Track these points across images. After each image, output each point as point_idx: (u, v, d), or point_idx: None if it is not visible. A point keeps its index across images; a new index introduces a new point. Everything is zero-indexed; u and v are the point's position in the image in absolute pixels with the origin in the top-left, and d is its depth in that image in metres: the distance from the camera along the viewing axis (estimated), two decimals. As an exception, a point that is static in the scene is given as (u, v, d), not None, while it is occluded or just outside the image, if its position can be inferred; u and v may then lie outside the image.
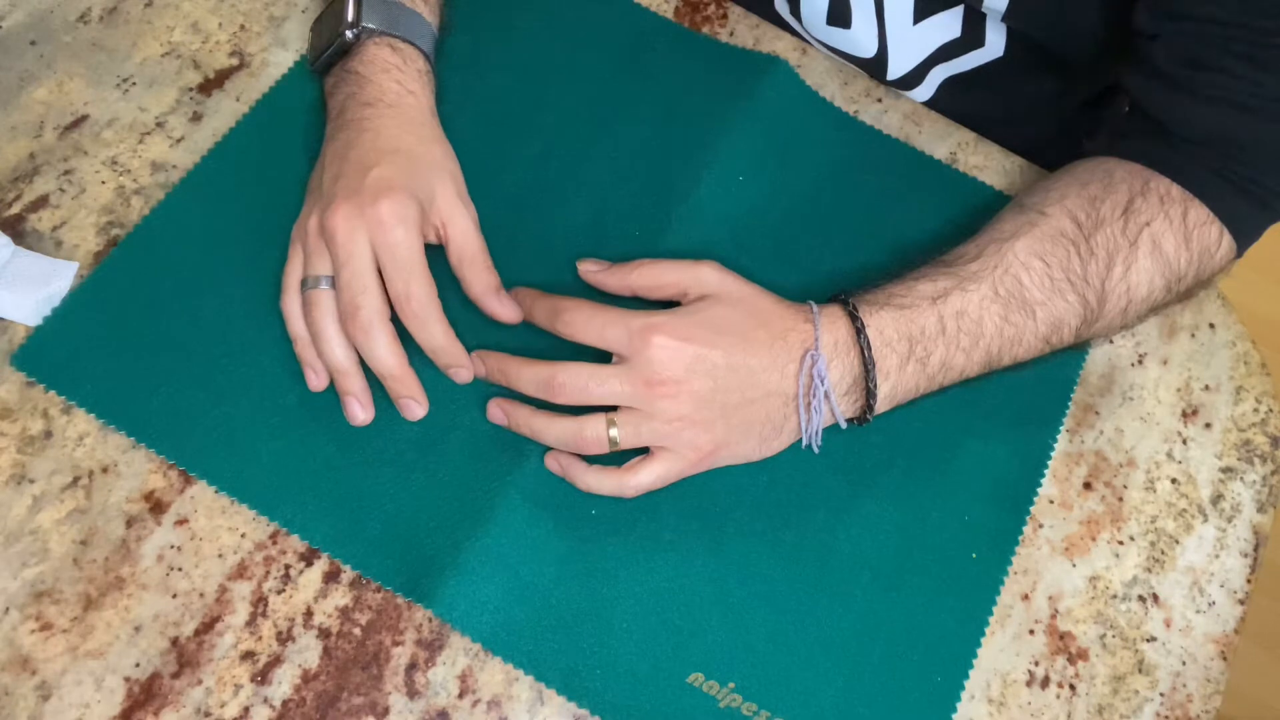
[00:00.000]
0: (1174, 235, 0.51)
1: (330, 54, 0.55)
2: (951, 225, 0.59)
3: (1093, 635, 0.51)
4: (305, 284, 0.50)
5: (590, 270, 0.53)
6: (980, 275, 0.50)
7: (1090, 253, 0.50)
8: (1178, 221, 0.51)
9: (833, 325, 0.49)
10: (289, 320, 0.51)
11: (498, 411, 0.51)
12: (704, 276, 0.50)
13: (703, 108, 0.61)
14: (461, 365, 0.50)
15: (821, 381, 0.48)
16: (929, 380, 0.50)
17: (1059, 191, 0.53)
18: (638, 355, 0.47)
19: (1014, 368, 0.52)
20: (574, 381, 0.47)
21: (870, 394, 0.49)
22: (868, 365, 0.48)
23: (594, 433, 0.47)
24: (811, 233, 0.59)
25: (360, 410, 0.50)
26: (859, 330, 0.48)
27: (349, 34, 0.54)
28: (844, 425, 0.50)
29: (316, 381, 0.51)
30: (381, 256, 0.49)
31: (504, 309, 0.52)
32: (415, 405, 0.50)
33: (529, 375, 0.49)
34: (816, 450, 0.51)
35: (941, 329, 0.49)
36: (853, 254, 0.58)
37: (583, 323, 0.48)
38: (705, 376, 0.47)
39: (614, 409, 0.48)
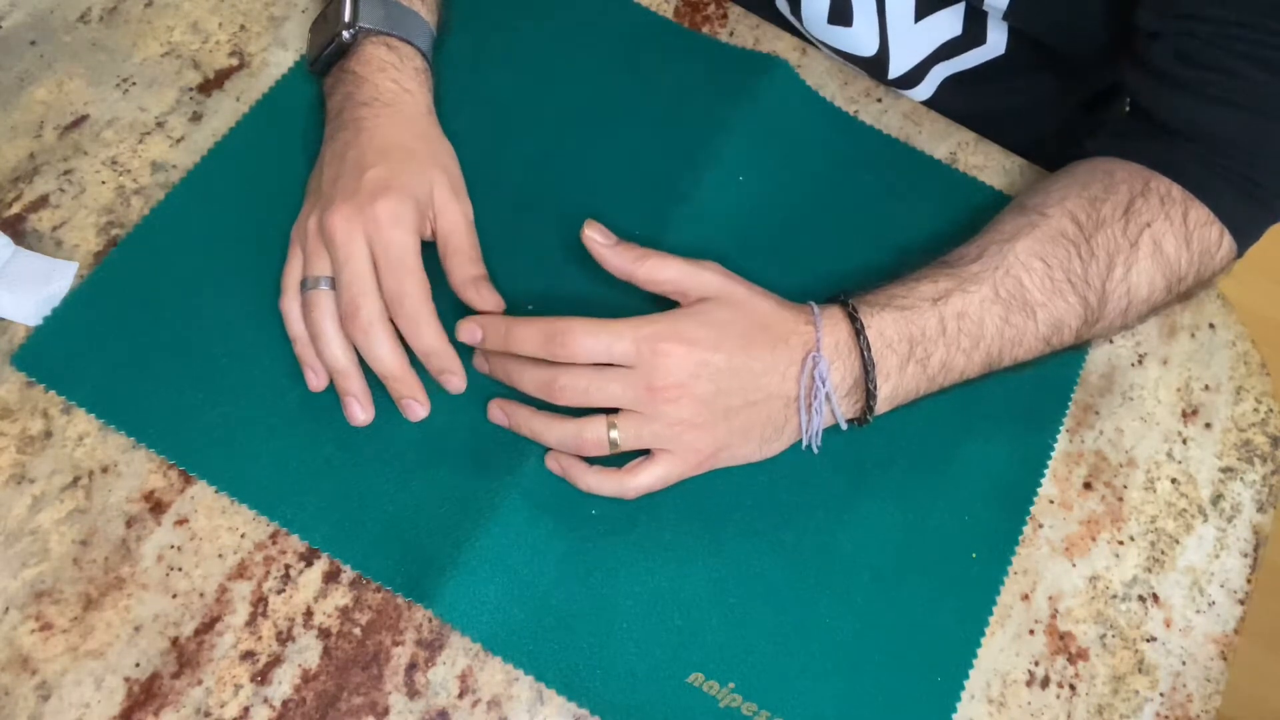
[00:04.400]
0: (1175, 236, 0.51)
1: (328, 54, 0.55)
2: (951, 225, 0.59)
3: (1093, 635, 0.51)
4: (305, 285, 0.50)
5: (595, 240, 0.49)
6: (981, 276, 0.50)
7: (1091, 254, 0.50)
8: (1178, 222, 0.51)
9: (834, 327, 0.49)
10: (288, 321, 0.51)
11: (498, 412, 0.51)
12: (706, 280, 0.49)
13: (703, 108, 0.61)
14: (453, 371, 0.50)
15: (823, 383, 0.48)
16: (929, 381, 0.50)
17: (1059, 193, 0.53)
18: (643, 362, 0.47)
19: (1014, 368, 0.52)
20: (575, 384, 0.47)
21: (870, 395, 0.48)
22: (868, 367, 0.48)
23: (594, 435, 0.47)
24: (812, 233, 0.59)
25: (360, 411, 0.50)
26: (858, 332, 0.48)
27: (346, 34, 0.54)
28: (844, 426, 0.50)
29: (316, 382, 0.51)
30: (377, 256, 0.49)
31: (483, 299, 0.51)
32: (417, 406, 0.50)
33: (530, 376, 0.48)
34: (816, 451, 0.51)
35: (942, 330, 0.49)
36: (853, 254, 0.58)
37: (587, 344, 0.46)
38: (708, 380, 0.47)
39: (614, 410, 0.48)
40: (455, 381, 0.50)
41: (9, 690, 0.45)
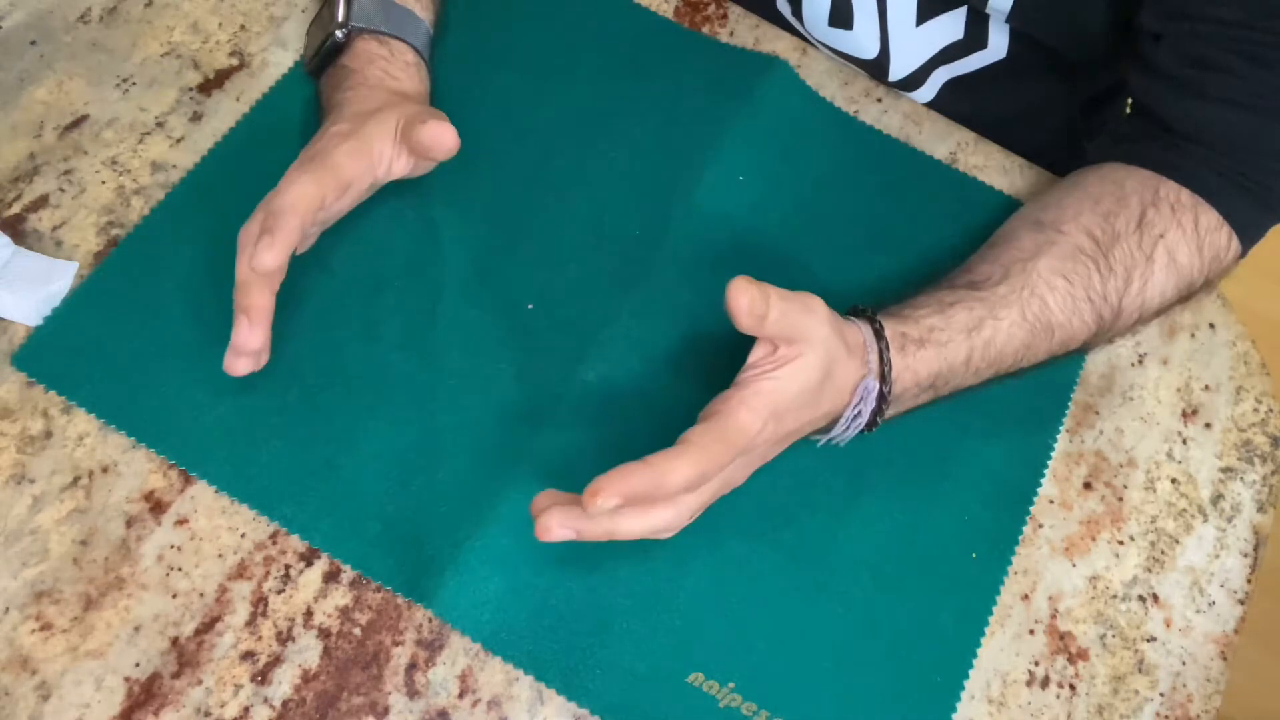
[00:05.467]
0: (1187, 244, 0.51)
1: (323, 54, 0.55)
2: (951, 225, 0.59)
3: (1093, 635, 0.51)
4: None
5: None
6: (1009, 300, 0.50)
7: (1109, 269, 0.50)
8: (1190, 229, 0.51)
9: (873, 362, 0.48)
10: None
11: (566, 532, 0.43)
12: (814, 329, 0.44)
13: (703, 108, 0.61)
14: (248, 315, 0.46)
15: (867, 402, 0.47)
16: (935, 395, 0.50)
17: (1074, 208, 0.52)
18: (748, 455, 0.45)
19: (1016, 373, 0.52)
20: (683, 518, 0.44)
21: (873, 423, 0.48)
22: (883, 403, 0.48)
23: (678, 520, 0.44)
24: (811, 233, 0.59)
25: (246, 330, 0.47)
26: (884, 375, 0.47)
27: (339, 33, 0.54)
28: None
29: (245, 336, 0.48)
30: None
31: (434, 130, 0.49)
32: (244, 321, 0.46)
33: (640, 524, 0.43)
34: (819, 444, 0.50)
35: (968, 362, 0.49)
36: (852, 254, 0.58)
37: (732, 474, 0.45)
38: (778, 445, 0.47)
39: None
40: (243, 329, 0.46)
41: (9, 690, 0.45)
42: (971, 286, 0.51)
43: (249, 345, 0.47)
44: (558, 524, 0.42)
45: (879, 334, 0.48)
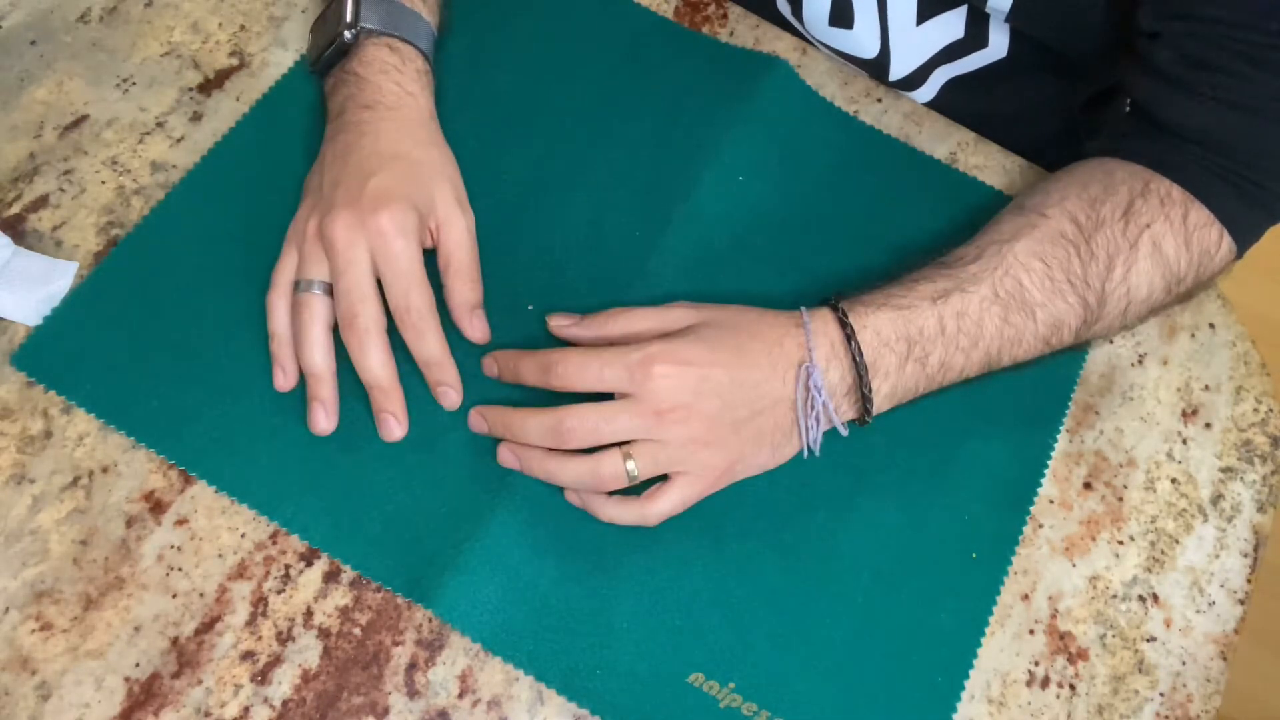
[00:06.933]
0: (1174, 237, 0.51)
1: (330, 54, 0.55)
2: (951, 225, 0.59)
3: (1093, 635, 0.51)
4: (298, 286, 0.50)
5: (562, 325, 0.52)
6: (980, 277, 0.50)
7: (1090, 254, 0.50)
8: (1178, 223, 0.51)
9: (825, 330, 0.49)
10: (271, 316, 0.51)
11: (509, 455, 0.50)
12: (679, 315, 0.49)
13: (703, 108, 0.61)
14: (451, 386, 0.51)
15: (819, 392, 0.48)
16: (928, 380, 0.50)
17: (1059, 193, 0.53)
18: (641, 388, 0.46)
19: (1014, 368, 0.52)
20: (583, 425, 0.46)
21: (866, 398, 0.48)
22: (860, 371, 0.48)
23: (611, 469, 0.47)
24: (811, 233, 0.59)
25: (325, 419, 0.50)
26: (849, 337, 0.48)
27: (347, 34, 0.54)
28: (844, 432, 0.50)
29: (283, 382, 0.51)
30: (382, 268, 0.49)
31: (474, 330, 0.52)
32: (394, 424, 0.50)
33: (534, 426, 0.48)
34: (817, 455, 0.50)
35: (941, 329, 0.49)
36: (852, 254, 0.58)
37: (577, 370, 0.47)
38: (712, 396, 0.47)
39: (626, 442, 0.47)
40: (452, 396, 0.51)
41: (9, 690, 0.45)
42: (940, 265, 0.51)
43: (328, 432, 0.50)
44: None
45: (827, 304, 0.49)
